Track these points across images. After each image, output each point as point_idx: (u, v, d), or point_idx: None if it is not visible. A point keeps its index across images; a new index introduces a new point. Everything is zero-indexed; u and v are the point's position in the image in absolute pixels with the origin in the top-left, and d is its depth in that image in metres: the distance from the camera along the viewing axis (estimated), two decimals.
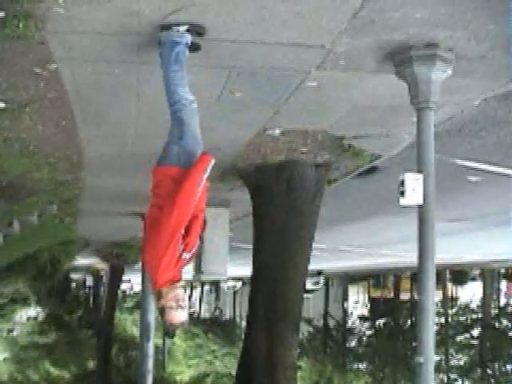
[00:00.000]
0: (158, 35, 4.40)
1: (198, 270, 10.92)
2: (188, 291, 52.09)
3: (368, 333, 29.83)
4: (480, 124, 6.69)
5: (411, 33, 4.51)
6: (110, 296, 32.99)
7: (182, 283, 3.84)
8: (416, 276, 4.99)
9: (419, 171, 4.74)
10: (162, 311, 3.82)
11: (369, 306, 36.29)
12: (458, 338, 26.83)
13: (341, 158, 7.88)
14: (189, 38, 4.34)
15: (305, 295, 8.99)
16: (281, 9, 4.18)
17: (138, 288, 42.28)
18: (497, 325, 26.54)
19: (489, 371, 24.58)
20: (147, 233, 3.89)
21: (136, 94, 5.84)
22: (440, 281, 28.60)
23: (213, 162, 3.90)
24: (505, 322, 26.42)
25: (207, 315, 49.74)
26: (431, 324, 4.73)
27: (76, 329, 35.39)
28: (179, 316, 3.80)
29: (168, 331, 4.00)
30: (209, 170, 3.88)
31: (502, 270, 33.55)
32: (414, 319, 25.07)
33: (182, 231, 3.80)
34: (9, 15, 4.24)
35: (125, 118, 6.70)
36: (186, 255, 3.86)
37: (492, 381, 24.32)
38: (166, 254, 3.72)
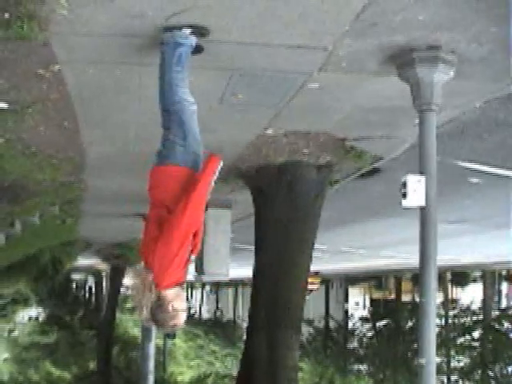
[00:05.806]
0: (161, 36, 4.38)
1: (200, 270, 10.93)
2: (189, 292, 52.17)
3: (369, 334, 29.82)
4: (481, 126, 6.69)
5: (413, 35, 4.52)
6: (111, 297, 33.00)
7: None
8: (417, 278, 4.99)
9: (421, 173, 4.74)
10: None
11: (370, 307, 36.27)
12: (459, 340, 26.79)
13: (343, 160, 7.88)
14: (194, 40, 4.34)
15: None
16: (283, 11, 4.19)
17: None
18: (498, 327, 26.50)
19: (490, 373, 24.52)
20: (151, 232, 3.86)
21: (138, 95, 5.85)
22: (441, 282, 28.61)
23: (221, 163, 3.88)
24: (506, 323, 26.39)
25: (208, 316, 49.79)
26: (432, 326, 4.73)
27: (77, 329, 35.44)
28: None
29: (168, 332, 4.00)
30: (217, 172, 3.87)
31: (503, 272, 33.57)
32: (414, 321, 25.03)
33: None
34: (13, 17, 4.26)
35: (127, 119, 6.71)
36: (192, 257, 3.90)
37: (493, 383, 24.28)
38: (178, 254, 3.70)
